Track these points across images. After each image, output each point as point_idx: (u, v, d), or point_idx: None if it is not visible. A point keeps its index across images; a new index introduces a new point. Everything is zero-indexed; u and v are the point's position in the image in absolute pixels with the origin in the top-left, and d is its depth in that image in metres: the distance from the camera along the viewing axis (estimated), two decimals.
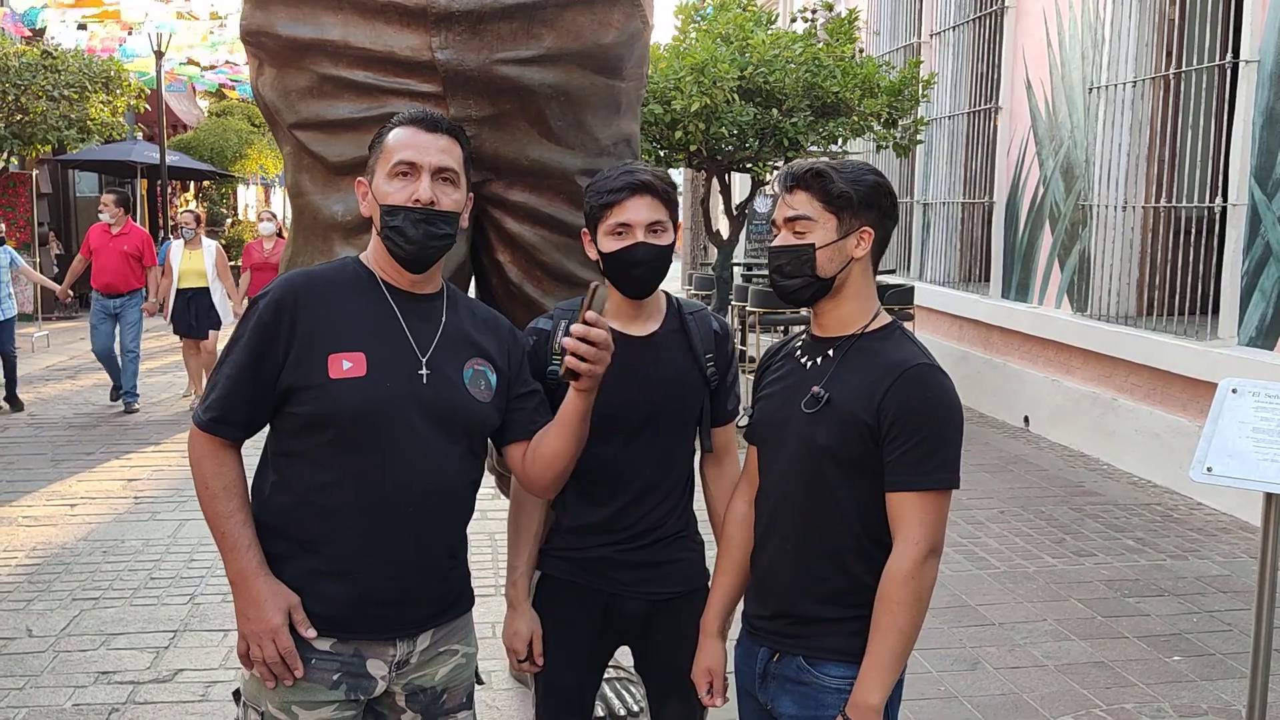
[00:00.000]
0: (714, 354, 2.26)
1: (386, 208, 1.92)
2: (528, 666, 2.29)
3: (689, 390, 2.24)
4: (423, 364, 1.92)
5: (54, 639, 4.13)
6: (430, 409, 1.91)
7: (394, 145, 1.93)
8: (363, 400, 1.86)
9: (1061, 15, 7.89)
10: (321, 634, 1.90)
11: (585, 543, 2.24)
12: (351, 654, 1.92)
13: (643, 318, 2.23)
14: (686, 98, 7.51)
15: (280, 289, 1.91)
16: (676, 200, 2.21)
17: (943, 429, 1.85)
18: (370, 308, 1.93)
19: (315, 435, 1.88)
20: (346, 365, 1.86)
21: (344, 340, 1.88)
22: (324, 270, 1.99)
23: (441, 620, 2.02)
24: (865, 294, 1.97)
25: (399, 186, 1.91)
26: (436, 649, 2.01)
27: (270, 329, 1.87)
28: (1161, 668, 3.97)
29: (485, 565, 4.91)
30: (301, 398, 1.87)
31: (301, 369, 1.86)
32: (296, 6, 2.77)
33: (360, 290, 1.95)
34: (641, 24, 3.01)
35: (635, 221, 2.11)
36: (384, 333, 1.92)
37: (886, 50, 11.26)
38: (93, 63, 13.75)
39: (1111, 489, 6.50)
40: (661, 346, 2.23)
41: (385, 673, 1.95)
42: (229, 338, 1.96)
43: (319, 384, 1.86)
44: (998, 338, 8.78)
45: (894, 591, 1.83)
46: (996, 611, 4.49)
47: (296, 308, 1.89)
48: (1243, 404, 3.04)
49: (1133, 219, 7.21)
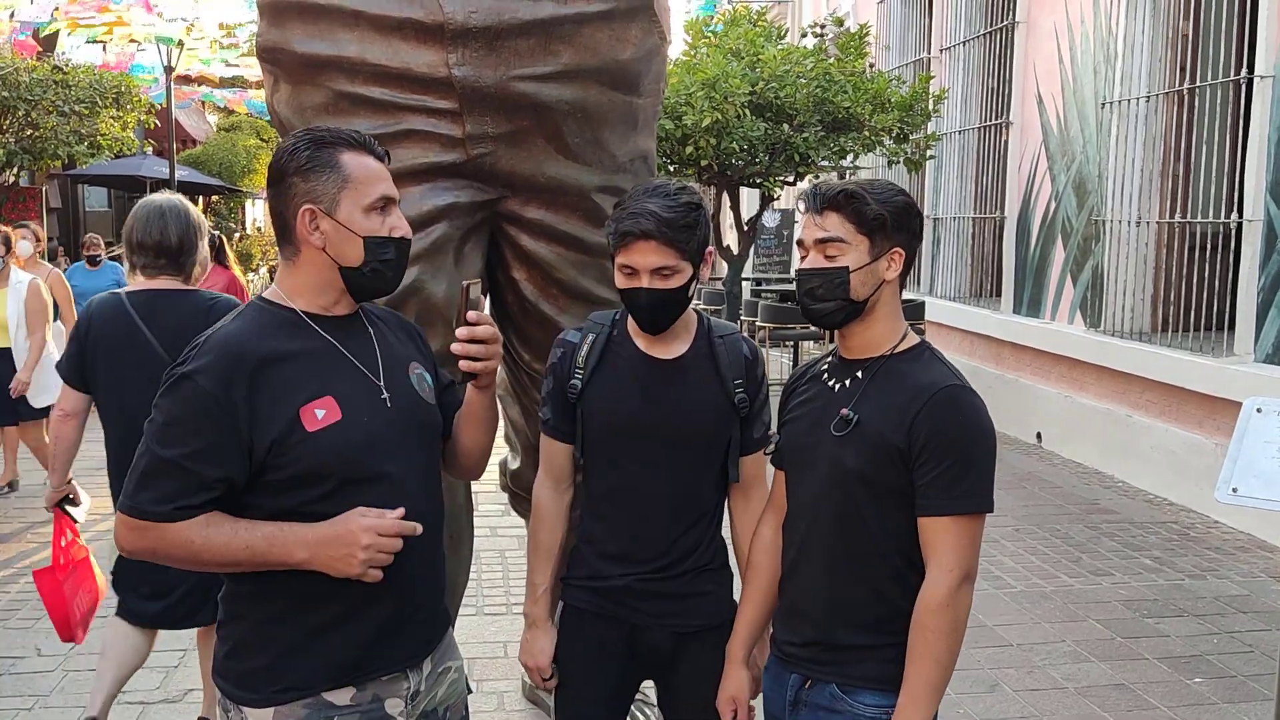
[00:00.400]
0: (743, 380, 2.19)
1: (377, 240, 1.82)
2: (550, 684, 2.25)
3: (716, 417, 2.17)
4: (381, 389, 1.86)
5: (63, 658, 4.10)
6: (401, 430, 1.86)
7: (362, 177, 1.82)
8: (346, 444, 1.77)
9: (1073, 30, 7.87)
10: (338, 685, 1.81)
11: (607, 571, 2.19)
12: (370, 700, 1.84)
13: (668, 339, 2.19)
14: (697, 113, 7.51)
15: (219, 357, 1.73)
16: (693, 234, 2.09)
17: (974, 451, 1.82)
18: (311, 347, 1.82)
19: (305, 491, 1.76)
20: (321, 414, 1.76)
21: (306, 389, 1.77)
22: (246, 325, 1.82)
23: (439, 639, 1.98)
24: (894, 315, 1.94)
25: (380, 219, 1.84)
26: (437, 670, 1.98)
27: (223, 402, 1.70)
28: (1183, 690, 3.91)
29: (496, 583, 4.87)
30: (281, 462, 1.73)
31: (273, 432, 1.72)
32: (313, 23, 2.76)
33: (291, 332, 1.82)
34: (659, 40, 2.99)
35: (640, 267, 2.07)
36: (337, 369, 1.83)
37: (897, 65, 11.26)
38: (103, 78, 13.81)
39: (1127, 507, 6.45)
40: (688, 370, 2.18)
41: (403, 708, 1.89)
42: (150, 419, 1.74)
43: (300, 440, 1.74)
44: (1009, 353, 8.73)
45: (929, 620, 1.79)
46: (1014, 632, 4.44)
47: (246, 372, 1.73)
48: (1268, 424, 3.00)
49: (1146, 234, 7.17)
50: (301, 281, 1.85)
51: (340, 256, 1.81)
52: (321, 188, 1.79)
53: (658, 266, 2.06)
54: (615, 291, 2.96)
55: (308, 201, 1.79)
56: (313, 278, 1.84)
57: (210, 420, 1.70)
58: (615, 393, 2.15)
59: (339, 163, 1.80)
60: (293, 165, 1.80)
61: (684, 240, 2.07)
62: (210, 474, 1.70)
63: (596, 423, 2.18)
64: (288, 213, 1.81)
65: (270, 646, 1.80)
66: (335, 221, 1.79)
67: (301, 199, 1.79)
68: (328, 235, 1.80)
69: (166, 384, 1.74)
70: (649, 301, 2.09)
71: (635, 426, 2.14)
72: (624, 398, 2.15)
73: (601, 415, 2.17)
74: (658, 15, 2.96)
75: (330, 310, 1.86)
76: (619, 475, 2.14)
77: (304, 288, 1.85)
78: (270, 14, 2.84)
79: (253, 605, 1.82)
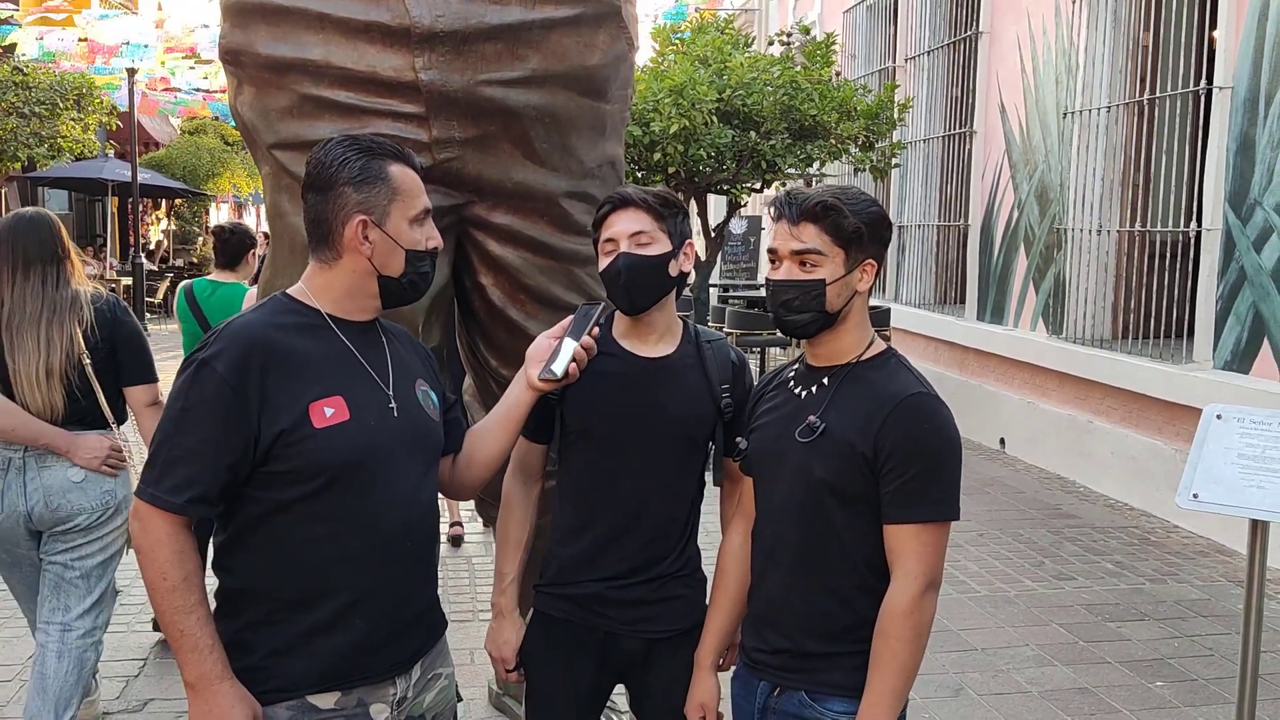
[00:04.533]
0: (730, 385, 2.20)
1: (416, 254, 1.89)
2: (515, 677, 2.25)
3: (698, 419, 2.18)
4: (390, 397, 1.88)
5: (20, 667, 4.03)
6: (404, 440, 1.89)
7: (408, 188, 1.88)
8: (352, 445, 1.79)
9: (1035, 41, 7.96)
10: (324, 690, 1.82)
11: (576, 577, 2.19)
12: (355, 705, 1.85)
13: (654, 339, 2.20)
14: (665, 119, 7.52)
15: (237, 345, 1.76)
16: (673, 214, 2.17)
17: (941, 459, 1.82)
18: (327, 348, 1.85)
19: (300, 487, 1.77)
20: (329, 412, 1.79)
21: (318, 386, 1.80)
22: (267, 316, 1.85)
23: (430, 646, 1.99)
24: (862, 323, 1.94)
25: (421, 232, 1.90)
26: (425, 677, 1.98)
27: (238, 390, 1.73)
28: (1145, 693, 3.95)
29: (463, 590, 4.84)
30: (286, 454, 1.76)
31: (281, 424, 1.75)
32: (277, 25, 2.73)
33: (310, 330, 1.85)
34: (627, 45, 2.99)
35: (618, 234, 2.13)
36: (350, 372, 1.86)
37: (863, 74, 11.33)
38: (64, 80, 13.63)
39: (1089, 511, 6.52)
40: (673, 371, 2.18)
41: (389, 714, 1.89)
42: (168, 406, 1.79)
43: (306, 435, 1.76)
44: (973, 360, 8.81)
45: (892, 627, 1.80)
46: (978, 636, 4.47)
47: (262, 362, 1.76)
48: (1228, 430, 3.04)
49: (1107, 243, 7.26)
50: (334, 284, 1.88)
51: (383, 266, 1.87)
52: (373, 199, 1.84)
53: (635, 231, 2.11)
54: (583, 296, 2.98)
55: (361, 212, 1.83)
56: (347, 283, 1.88)
57: (224, 404, 1.73)
58: (598, 389, 2.15)
59: (389, 174, 1.86)
60: (344, 174, 1.84)
61: (661, 209, 2.14)
62: (223, 460, 1.73)
63: (576, 422, 2.18)
64: (335, 220, 1.85)
65: (259, 647, 1.81)
66: (384, 233, 1.85)
67: (354, 209, 1.83)
68: (375, 245, 1.85)
69: (185, 370, 1.78)
70: (627, 265, 2.11)
71: (615, 424, 2.14)
72: (605, 395, 2.15)
73: (581, 412, 2.17)
74: (625, 21, 2.96)
75: (353, 315, 1.90)
76: (594, 478, 2.14)
77: (334, 291, 1.88)
78: (234, 16, 2.81)
79: (245, 605, 1.82)
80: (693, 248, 2.24)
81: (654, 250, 2.12)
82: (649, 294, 2.14)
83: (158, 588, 1.73)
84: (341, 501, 1.79)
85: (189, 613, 1.72)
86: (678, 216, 2.18)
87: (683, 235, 2.19)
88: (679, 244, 2.17)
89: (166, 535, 1.72)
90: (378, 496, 1.82)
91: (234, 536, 1.83)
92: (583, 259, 2.97)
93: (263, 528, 1.80)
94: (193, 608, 1.73)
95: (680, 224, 2.19)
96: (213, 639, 1.74)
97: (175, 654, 1.75)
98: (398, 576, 1.86)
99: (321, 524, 1.79)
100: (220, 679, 1.73)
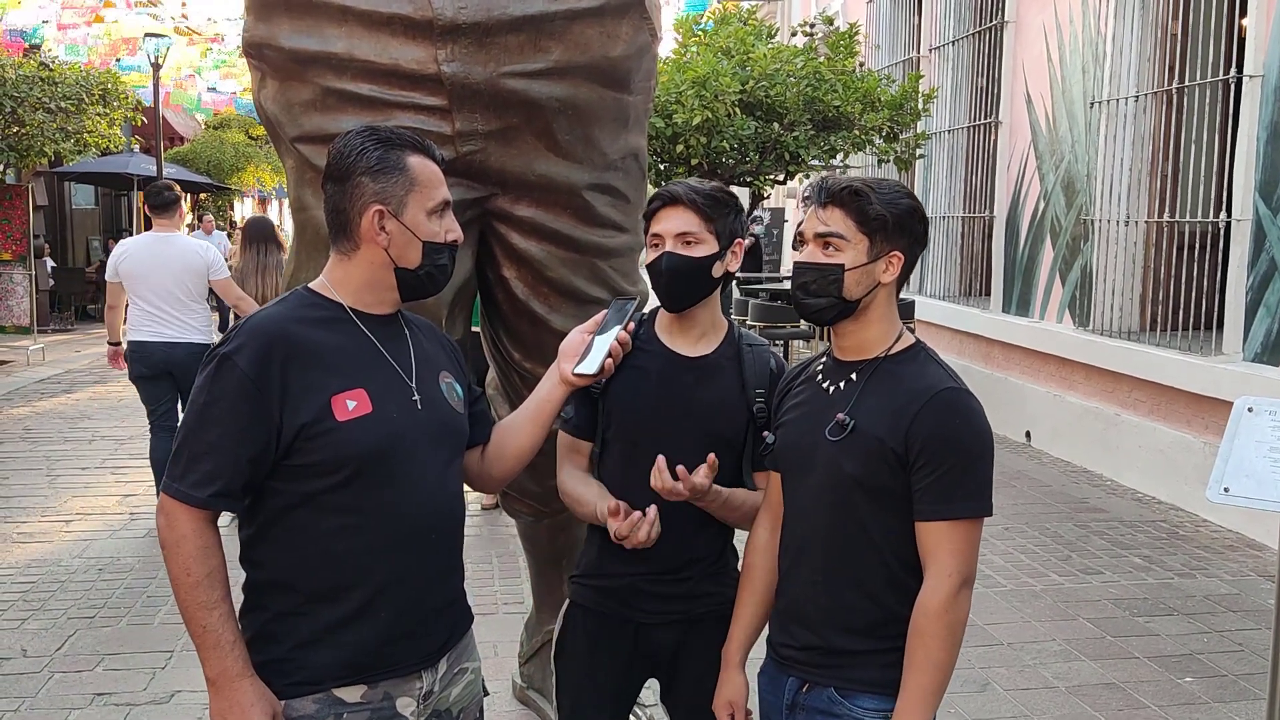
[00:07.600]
0: (765, 390, 2.17)
1: (434, 245, 1.88)
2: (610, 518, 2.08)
3: (731, 419, 2.16)
4: (413, 389, 1.88)
5: (49, 659, 4.06)
6: (428, 432, 1.88)
7: (426, 180, 1.87)
8: (375, 438, 1.79)
9: (1062, 30, 7.88)
10: (350, 682, 1.82)
11: (614, 569, 2.18)
12: (381, 699, 1.84)
13: (695, 337, 2.19)
14: (688, 111, 7.50)
15: (258, 339, 1.77)
16: (723, 213, 2.13)
17: (972, 455, 1.80)
18: (349, 340, 1.85)
19: (324, 480, 1.78)
20: (352, 405, 1.79)
21: (340, 379, 1.80)
22: (288, 310, 1.85)
23: (456, 640, 1.98)
24: (889, 317, 1.92)
25: (440, 224, 1.89)
26: (452, 671, 1.97)
27: (260, 384, 1.74)
28: (1173, 689, 3.91)
29: (487, 583, 4.85)
30: (310, 447, 1.76)
31: (303, 417, 1.75)
32: (300, 19, 2.73)
33: (331, 323, 1.85)
34: (650, 36, 2.97)
35: (664, 233, 2.12)
36: (372, 364, 1.85)
37: (886, 64, 11.26)
38: (90, 76, 13.72)
39: (1116, 505, 6.46)
40: (710, 370, 2.17)
41: (415, 708, 1.88)
42: (191, 401, 1.80)
43: (329, 428, 1.76)
44: (998, 352, 8.74)
45: (927, 626, 1.78)
46: (1005, 631, 4.44)
47: (283, 356, 1.76)
48: (1259, 423, 2.99)
49: (1135, 234, 7.18)
50: (353, 276, 1.88)
51: (400, 258, 1.86)
52: (390, 190, 1.83)
53: (681, 231, 2.10)
54: (607, 290, 2.97)
55: (377, 202, 1.82)
56: (366, 275, 1.87)
57: (247, 397, 1.73)
58: (636, 385, 2.15)
59: (406, 165, 1.84)
60: (362, 164, 1.83)
61: (710, 209, 2.11)
62: (246, 454, 1.74)
63: (616, 416, 2.18)
64: (352, 210, 1.84)
65: (286, 639, 1.81)
66: (401, 223, 1.84)
67: (371, 199, 1.83)
68: (392, 236, 1.85)
69: (208, 365, 1.78)
70: (669, 265, 2.10)
71: (649, 421, 2.13)
72: (644, 390, 2.15)
73: (621, 408, 2.17)
74: (648, 12, 2.94)
75: (374, 308, 1.90)
76: (633, 473, 2.12)
77: (354, 283, 1.88)
78: (257, 9, 2.81)
79: (273, 596, 1.83)
80: (742, 245, 2.21)
81: (698, 251, 2.11)
82: (690, 294, 2.14)
83: (181, 583, 1.73)
84: (365, 493, 1.79)
85: (212, 609, 1.73)
86: (729, 216, 2.14)
87: (732, 234, 2.16)
88: (727, 244, 2.15)
89: (191, 530, 1.73)
90: (402, 488, 1.82)
91: (260, 530, 1.83)
92: (606, 251, 2.96)
93: (288, 520, 1.80)
94: (215, 604, 1.73)
95: (731, 223, 2.15)
96: (234, 635, 1.75)
97: (197, 650, 1.75)
98: (423, 568, 1.86)
99: (346, 516, 1.79)
100: (241, 676, 1.73)
